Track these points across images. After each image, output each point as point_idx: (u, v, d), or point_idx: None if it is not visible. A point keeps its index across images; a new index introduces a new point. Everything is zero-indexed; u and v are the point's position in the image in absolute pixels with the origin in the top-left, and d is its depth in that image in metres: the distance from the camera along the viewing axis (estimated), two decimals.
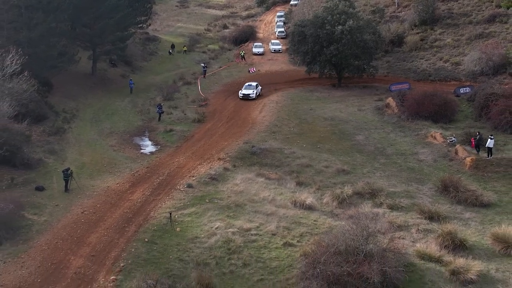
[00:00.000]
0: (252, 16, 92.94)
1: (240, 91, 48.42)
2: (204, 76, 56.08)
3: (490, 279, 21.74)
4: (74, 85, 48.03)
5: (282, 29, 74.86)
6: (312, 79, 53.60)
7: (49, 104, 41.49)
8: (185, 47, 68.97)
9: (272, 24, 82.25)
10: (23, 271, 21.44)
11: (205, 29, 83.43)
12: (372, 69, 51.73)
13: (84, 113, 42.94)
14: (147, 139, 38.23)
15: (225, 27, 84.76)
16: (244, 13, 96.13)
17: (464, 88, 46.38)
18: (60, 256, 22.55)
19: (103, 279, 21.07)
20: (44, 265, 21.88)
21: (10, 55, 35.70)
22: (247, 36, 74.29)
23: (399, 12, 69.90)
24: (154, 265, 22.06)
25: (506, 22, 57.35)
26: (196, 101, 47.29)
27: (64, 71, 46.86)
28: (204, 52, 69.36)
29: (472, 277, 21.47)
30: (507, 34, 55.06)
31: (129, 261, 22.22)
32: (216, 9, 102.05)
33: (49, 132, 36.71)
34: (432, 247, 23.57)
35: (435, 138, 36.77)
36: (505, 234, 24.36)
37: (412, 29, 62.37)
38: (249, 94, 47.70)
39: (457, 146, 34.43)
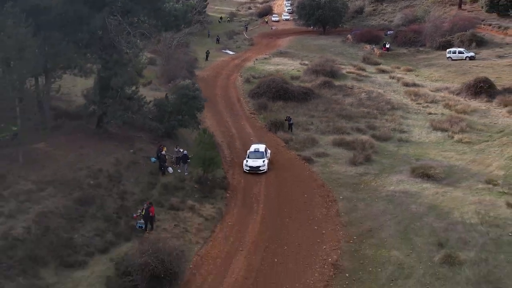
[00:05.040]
0: (267, 2, 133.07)
1: (245, 162, 34.73)
2: (246, 31, 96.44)
3: (374, 77, 62.02)
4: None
5: (290, 7, 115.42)
6: (308, 31, 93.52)
7: None
8: (228, 18, 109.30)
9: (282, 6, 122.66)
10: (206, 73, 61.65)
11: (236, 9, 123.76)
12: (342, 24, 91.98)
13: (191, 43, 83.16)
14: (228, 49, 78.64)
15: (249, 8, 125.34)
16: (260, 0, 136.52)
17: (390, 31, 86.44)
18: (217, 72, 62.76)
19: (235, 74, 61.38)
20: (213, 73, 62.12)
21: None
22: (267, 12, 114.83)
23: None
24: (251, 71, 62.16)
25: None
26: (246, 39, 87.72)
27: None
28: (240, 21, 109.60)
29: (368, 75, 61.87)
30: (421, 5, 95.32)
31: (242, 72, 62.56)
32: None
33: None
34: (352, 69, 63.83)
35: (366, 47, 77.22)
36: (381, 68, 64.91)
37: (370, 4, 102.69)
38: (259, 166, 34.24)
39: (374, 47, 75.04)
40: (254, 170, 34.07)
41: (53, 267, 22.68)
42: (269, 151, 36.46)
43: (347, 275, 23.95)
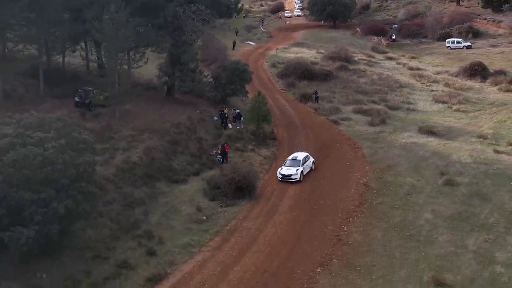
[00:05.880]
0: None
1: (279, 170, 34.35)
2: (262, 25, 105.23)
3: (382, 63, 70.77)
4: None
5: (300, 4, 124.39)
6: (320, 25, 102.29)
7: None
8: (244, 14, 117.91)
9: (293, 3, 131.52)
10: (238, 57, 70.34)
11: (249, 6, 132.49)
12: (350, 18, 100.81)
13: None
14: (249, 41, 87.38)
15: (261, 5, 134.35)
16: None
17: (394, 25, 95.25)
18: (245, 58, 70.52)
19: (261, 61, 70.10)
20: (243, 56, 70.70)
21: None
22: (279, 8, 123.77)
23: None
24: (275, 58, 70.75)
25: None
26: (264, 32, 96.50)
27: None
28: (254, 17, 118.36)
29: (378, 61, 70.66)
30: (423, 1, 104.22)
31: (267, 58, 71.25)
32: None
33: None
34: (364, 57, 72.56)
35: (374, 39, 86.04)
36: (388, 55, 73.68)
37: (375, 1, 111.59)
38: (291, 175, 33.53)
39: (382, 38, 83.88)
40: (286, 179, 33.51)
41: (164, 182, 31.48)
42: (311, 159, 35.67)
43: (374, 191, 32.70)
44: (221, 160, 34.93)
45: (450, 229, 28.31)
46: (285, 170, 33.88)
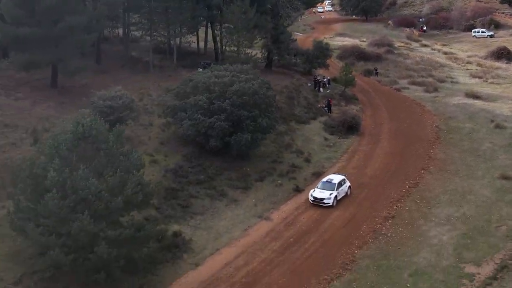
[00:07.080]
0: None
1: (311, 191, 32.04)
2: (301, 19, 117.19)
3: (419, 49, 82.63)
4: None
5: (331, 1, 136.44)
6: (352, 19, 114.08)
7: None
8: None
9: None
10: None
11: None
12: (381, 13, 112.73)
13: None
14: (296, 32, 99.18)
15: None
16: None
17: (422, 19, 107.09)
18: (302, 43, 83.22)
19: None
20: (300, 43, 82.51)
21: None
22: (312, 4, 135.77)
23: None
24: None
25: None
26: (306, 25, 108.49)
27: None
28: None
29: (415, 48, 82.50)
30: None
31: None
32: None
33: None
34: (402, 44, 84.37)
35: (406, 30, 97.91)
36: (423, 43, 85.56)
37: None
38: (323, 199, 31.10)
39: (413, 29, 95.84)
40: (318, 202, 31.13)
41: (294, 122, 43.35)
42: (348, 183, 32.83)
43: (445, 131, 44.60)
44: (327, 110, 46.79)
45: (506, 152, 40.22)
46: (317, 193, 31.46)
